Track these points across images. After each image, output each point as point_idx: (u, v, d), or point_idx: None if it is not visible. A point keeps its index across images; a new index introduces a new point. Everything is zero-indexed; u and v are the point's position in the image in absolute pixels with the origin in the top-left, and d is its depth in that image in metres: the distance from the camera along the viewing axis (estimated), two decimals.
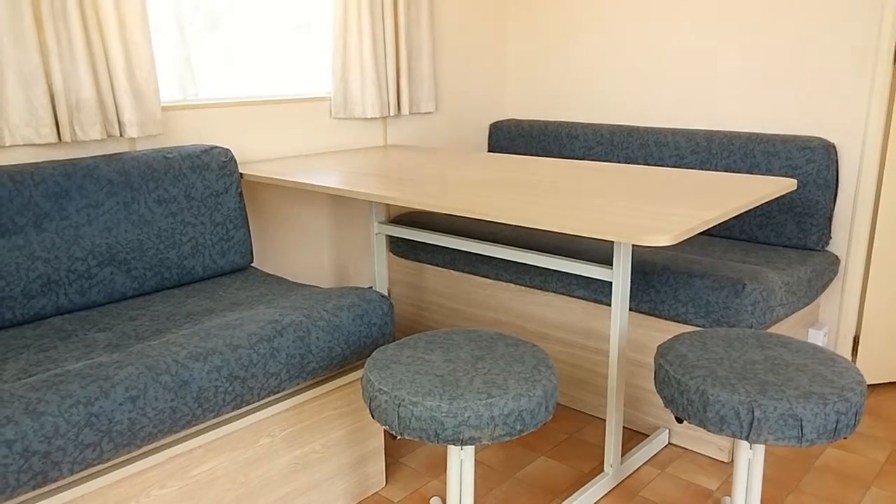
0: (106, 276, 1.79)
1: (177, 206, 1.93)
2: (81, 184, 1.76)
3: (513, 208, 1.57)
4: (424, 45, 2.68)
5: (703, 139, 2.48)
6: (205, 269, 2.00)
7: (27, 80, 1.75)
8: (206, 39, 2.20)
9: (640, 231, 1.38)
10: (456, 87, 2.98)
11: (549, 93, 3.05)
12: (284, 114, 2.40)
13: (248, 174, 2.11)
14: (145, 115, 1.96)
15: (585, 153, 2.78)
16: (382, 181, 1.95)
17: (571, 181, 1.89)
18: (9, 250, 1.63)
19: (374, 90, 2.50)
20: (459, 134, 3.04)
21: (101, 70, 1.86)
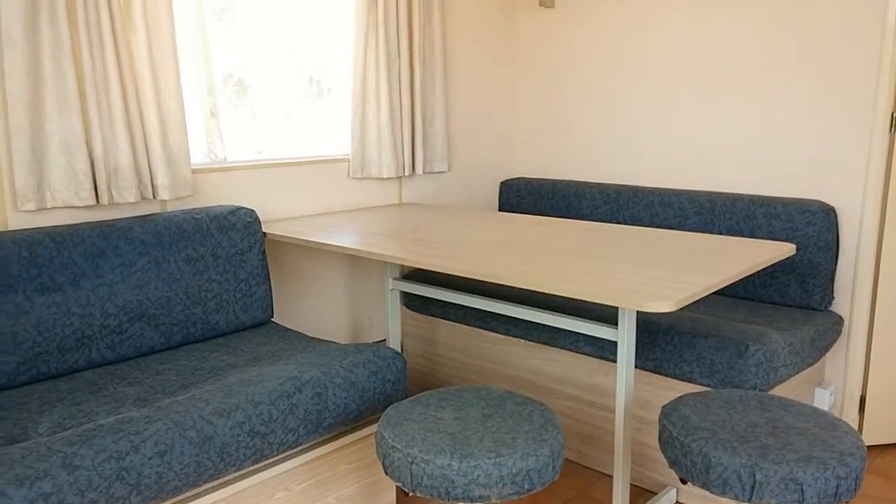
0: (136, 330, 1.88)
1: (204, 264, 2.04)
2: (117, 244, 1.87)
3: (521, 271, 1.66)
4: (438, 109, 2.81)
5: (706, 200, 2.57)
6: (228, 324, 2.09)
7: (70, 147, 1.88)
8: (233, 105, 2.33)
9: (643, 297, 1.45)
10: (468, 147, 3.10)
11: (557, 152, 3.17)
12: (305, 174, 2.52)
13: (271, 233, 2.22)
14: (177, 178, 2.08)
15: (592, 212, 2.88)
16: (397, 241, 2.05)
17: (578, 243, 1.98)
18: (47, 307, 1.74)
19: (390, 152, 2.63)
20: (471, 192, 3.16)
21: (138, 137, 1.99)
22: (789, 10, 2.44)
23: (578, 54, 3.03)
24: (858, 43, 2.30)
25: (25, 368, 1.70)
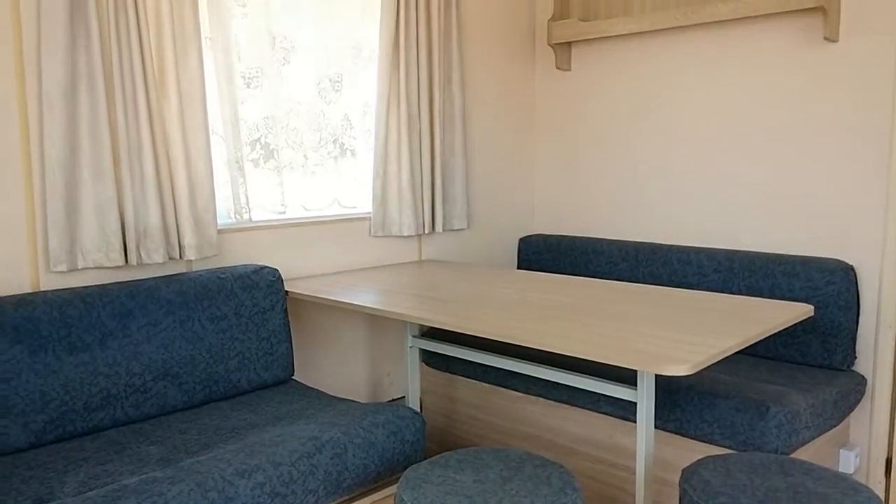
0: (160, 389, 1.92)
1: (227, 323, 2.08)
2: (144, 304, 1.92)
3: (540, 332, 1.67)
4: (458, 168, 2.88)
5: (725, 258, 2.58)
6: (249, 383, 2.12)
7: (102, 210, 1.95)
8: (259, 167, 2.41)
9: (661, 360, 1.46)
10: (487, 204, 3.16)
11: (575, 209, 3.21)
12: (327, 232, 2.58)
13: (293, 292, 2.26)
14: (203, 238, 2.15)
15: (611, 268, 2.89)
16: (417, 299, 2.08)
17: (597, 303, 2.00)
18: (75, 366, 1.78)
19: (410, 211, 2.68)
20: (490, 248, 3.20)
21: (168, 200, 2.06)
22: (806, 70, 2.49)
23: (595, 114, 3.10)
24: (873, 103, 2.34)
25: (52, 427, 1.74)
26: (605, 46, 3.02)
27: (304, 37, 2.49)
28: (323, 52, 2.55)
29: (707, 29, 2.71)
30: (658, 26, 2.68)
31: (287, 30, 2.44)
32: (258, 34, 2.35)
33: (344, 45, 2.60)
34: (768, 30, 2.56)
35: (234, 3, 2.29)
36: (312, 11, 2.50)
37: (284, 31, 2.43)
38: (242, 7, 2.32)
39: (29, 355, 1.72)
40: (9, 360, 1.69)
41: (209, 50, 2.22)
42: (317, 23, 2.52)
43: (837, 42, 2.40)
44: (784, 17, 2.51)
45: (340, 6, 2.57)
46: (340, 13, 2.57)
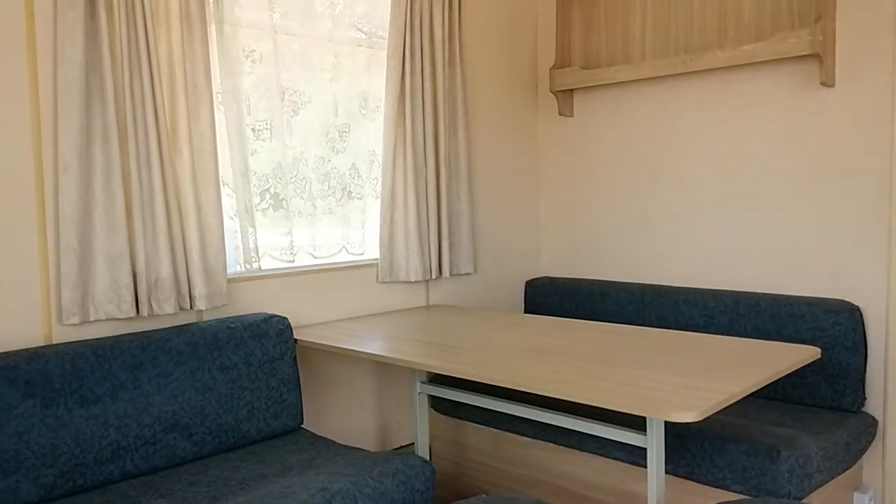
0: (169, 441, 1.92)
1: (237, 372, 2.09)
2: (154, 355, 1.94)
3: (547, 379, 1.68)
4: (464, 214, 2.92)
5: (731, 300, 2.59)
6: (259, 432, 2.12)
7: (114, 262, 1.99)
8: (269, 216, 2.45)
9: (668, 407, 1.47)
10: (493, 248, 3.19)
11: (581, 252, 3.23)
12: (336, 279, 2.61)
13: (302, 340, 2.28)
14: (213, 289, 2.17)
15: (617, 311, 2.90)
16: (424, 346, 2.09)
17: (604, 347, 2.01)
18: (86, 419, 1.79)
19: (417, 257, 2.71)
20: (497, 292, 3.21)
21: (179, 251, 2.10)
22: (804, 115, 2.54)
23: (598, 158, 3.14)
24: (871, 146, 2.38)
25: (62, 482, 1.74)
26: (607, 93, 3.08)
27: (312, 89, 2.55)
28: (331, 104, 2.61)
29: (706, 75, 2.77)
30: (658, 73, 2.74)
31: (295, 82, 2.51)
32: (267, 88, 2.41)
33: (351, 96, 2.67)
34: (766, 76, 2.61)
35: (244, 58, 2.36)
36: (320, 64, 2.58)
37: (293, 84, 2.50)
38: (252, 62, 2.38)
39: (41, 409, 1.74)
40: (21, 414, 1.71)
41: (220, 104, 2.28)
42: (324, 75, 2.59)
43: (834, 87, 2.45)
44: (781, 63, 2.57)
45: (347, 58, 2.64)
46: (347, 65, 2.65)
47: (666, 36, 2.83)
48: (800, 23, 2.48)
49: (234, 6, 2.29)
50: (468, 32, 3.01)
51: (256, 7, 2.36)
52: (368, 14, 2.69)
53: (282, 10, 2.43)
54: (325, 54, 2.58)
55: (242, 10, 2.33)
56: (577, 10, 3.11)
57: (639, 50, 2.91)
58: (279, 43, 2.43)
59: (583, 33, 3.09)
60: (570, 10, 3.11)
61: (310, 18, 2.50)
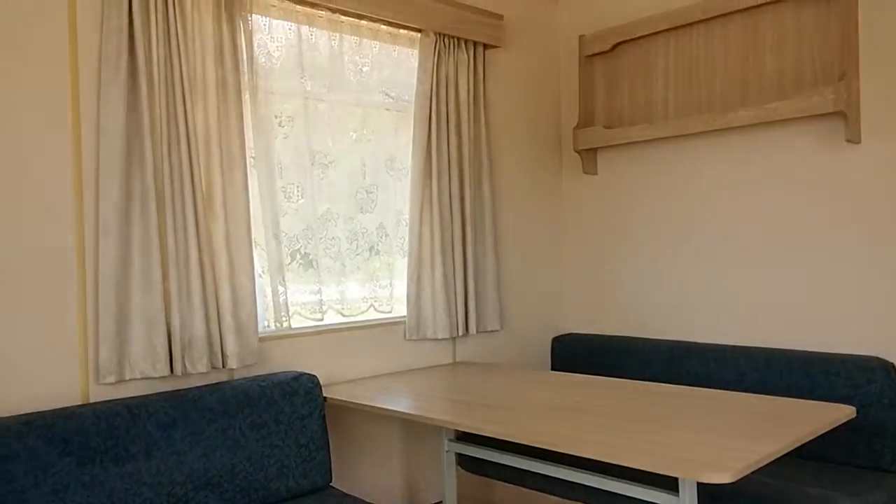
0: (201, 499, 1.94)
1: (267, 430, 2.11)
2: (187, 413, 1.97)
3: (577, 439, 1.68)
4: (490, 271, 2.95)
5: (762, 358, 2.56)
6: (288, 490, 2.12)
7: (150, 323, 2.04)
8: (299, 276, 2.50)
9: (702, 467, 1.45)
10: (519, 305, 3.20)
11: (607, 308, 3.23)
12: (364, 337, 2.63)
13: (331, 398, 2.30)
14: (244, 347, 2.21)
15: (646, 369, 2.88)
16: (452, 403, 2.09)
17: (633, 406, 1.99)
18: (121, 478, 1.82)
19: (444, 315, 2.74)
20: (524, 349, 3.21)
21: (212, 311, 2.15)
22: (830, 171, 2.55)
23: (623, 215, 3.17)
24: None
25: None
26: (630, 151, 3.13)
27: (340, 151, 2.63)
28: (359, 165, 2.69)
29: (729, 133, 2.81)
30: (681, 132, 2.78)
31: (325, 145, 2.59)
32: (298, 151, 2.50)
33: (378, 157, 2.74)
34: (791, 134, 2.64)
35: (276, 124, 2.45)
36: (349, 128, 2.66)
37: (322, 147, 2.58)
38: (283, 126, 2.48)
39: (77, 467, 1.77)
40: (58, 472, 1.74)
41: (253, 167, 2.36)
42: (352, 137, 2.67)
43: (860, 144, 2.47)
44: (805, 121, 2.60)
45: (374, 121, 2.73)
46: (375, 128, 2.73)
47: (688, 95, 2.88)
48: (823, 80, 2.51)
49: (267, 75, 2.40)
50: (492, 93, 3.10)
51: (288, 75, 2.46)
52: (395, 78, 2.79)
53: (312, 76, 2.53)
54: (353, 118, 2.67)
55: (275, 79, 2.43)
56: (599, 70, 3.19)
57: (661, 109, 2.97)
58: (309, 108, 2.52)
59: (605, 93, 3.16)
60: (592, 70, 3.19)
61: (338, 84, 2.60)
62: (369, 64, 2.70)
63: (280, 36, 2.45)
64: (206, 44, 2.20)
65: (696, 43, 2.86)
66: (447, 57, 2.81)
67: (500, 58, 3.13)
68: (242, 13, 2.28)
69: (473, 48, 2.91)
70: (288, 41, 2.47)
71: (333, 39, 2.58)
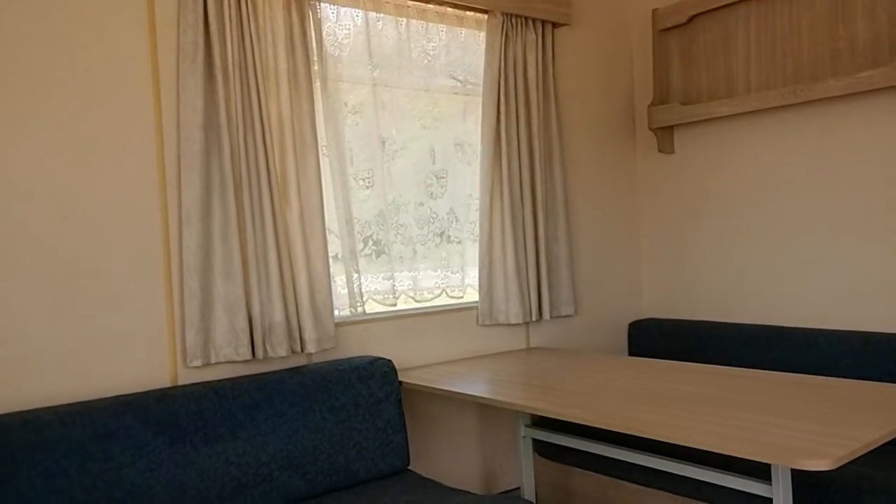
0: (285, 479, 1.98)
1: (346, 413, 2.14)
2: (270, 396, 2.02)
3: (662, 423, 1.62)
4: (562, 255, 2.90)
5: (859, 342, 2.42)
6: (367, 472, 2.15)
7: (232, 309, 2.09)
8: (372, 262, 2.52)
9: (797, 454, 1.38)
10: (594, 290, 3.14)
11: (687, 292, 3.13)
12: (436, 323, 2.64)
13: (406, 382, 2.31)
14: (322, 332, 2.25)
15: (731, 355, 2.77)
16: (527, 388, 2.07)
17: (720, 391, 1.92)
18: (210, 457, 1.88)
19: (517, 300, 2.71)
20: (599, 334, 3.15)
21: (290, 297, 2.19)
22: None
23: (703, 195, 3.06)
24: None
25: None
26: (709, 128, 3.01)
27: (410, 137, 2.63)
28: (428, 150, 2.68)
29: (817, 106, 2.66)
30: (765, 105, 2.65)
31: (394, 131, 2.59)
32: (368, 137, 2.51)
33: (448, 142, 2.73)
34: (883, 104, 2.48)
35: (346, 111, 2.47)
36: (418, 114, 2.66)
37: (392, 133, 2.59)
38: (355, 115, 2.49)
39: (169, 446, 1.83)
40: (152, 450, 1.81)
41: (325, 156, 2.38)
42: (421, 123, 2.67)
43: None
44: None
45: (443, 105, 2.72)
46: (443, 112, 2.72)
47: (771, 66, 2.74)
48: None
49: (336, 63, 2.41)
50: (562, 73, 3.04)
51: (357, 63, 2.47)
52: (462, 61, 2.76)
53: (380, 63, 2.53)
54: (421, 103, 2.67)
55: (344, 67, 2.44)
56: (674, 44, 3.07)
57: (742, 82, 2.84)
58: (378, 94, 2.53)
59: (682, 68, 3.05)
60: (667, 44, 3.08)
61: (406, 70, 2.60)
62: (436, 48, 2.69)
63: (347, 24, 2.46)
64: (278, 34, 2.23)
65: (779, 11, 2.71)
66: (515, 37, 2.76)
67: (570, 36, 3.06)
68: (311, 2, 2.30)
69: (542, 27, 2.85)
70: (355, 28, 2.48)
71: (400, 25, 2.58)
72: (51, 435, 1.71)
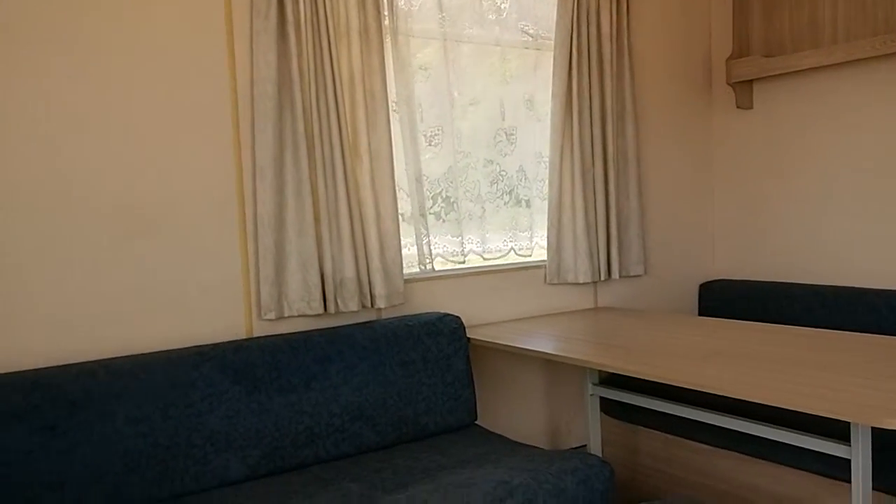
0: (356, 430, 2.04)
1: (415, 368, 2.18)
2: (341, 349, 2.07)
3: (737, 381, 1.59)
4: (633, 214, 2.84)
5: None
6: (436, 426, 2.19)
7: (305, 264, 2.14)
8: (440, 219, 2.53)
9: (880, 413, 1.34)
10: (664, 249, 3.07)
11: (761, 252, 3.03)
12: (504, 281, 2.64)
13: (474, 338, 2.33)
14: (391, 288, 2.28)
15: (806, 316, 2.68)
16: (596, 346, 2.06)
17: (797, 350, 1.87)
18: (284, 406, 1.95)
19: (585, 258, 2.68)
20: (668, 295, 3.09)
21: (360, 253, 2.22)
22: None
23: (782, 152, 2.93)
24: None
25: (265, 462, 1.90)
26: (791, 82, 2.87)
27: (480, 93, 2.61)
28: (498, 107, 2.65)
29: None
30: (853, 57, 2.51)
31: (464, 88, 2.57)
32: (438, 94, 2.50)
33: (518, 99, 2.69)
34: None
35: (416, 67, 2.46)
36: (488, 70, 2.63)
37: (462, 89, 2.57)
38: (424, 70, 2.48)
39: (246, 395, 1.91)
40: (230, 398, 1.89)
41: (395, 112, 2.39)
42: (492, 79, 2.63)
43: None
44: None
45: (514, 61, 2.68)
46: (514, 68, 2.68)
47: (862, 14, 2.58)
48: None
49: (406, 18, 2.40)
50: (636, 26, 2.94)
51: (427, 18, 2.45)
52: (534, 14, 2.70)
53: (451, 18, 2.50)
54: (492, 58, 2.63)
55: (414, 22, 2.43)
56: None
57: (829, 32, 2.68)
58: (448, 50, 2.50)
59: (763, 18, 2.90)
60: None
61: (477, 24, 2.56)
62: (507, 2, 2.63)
63: None
64: None
65: None
66: None
67: None
68: None
69: None
70: None
71: None
72: (135, 383, 1.80)
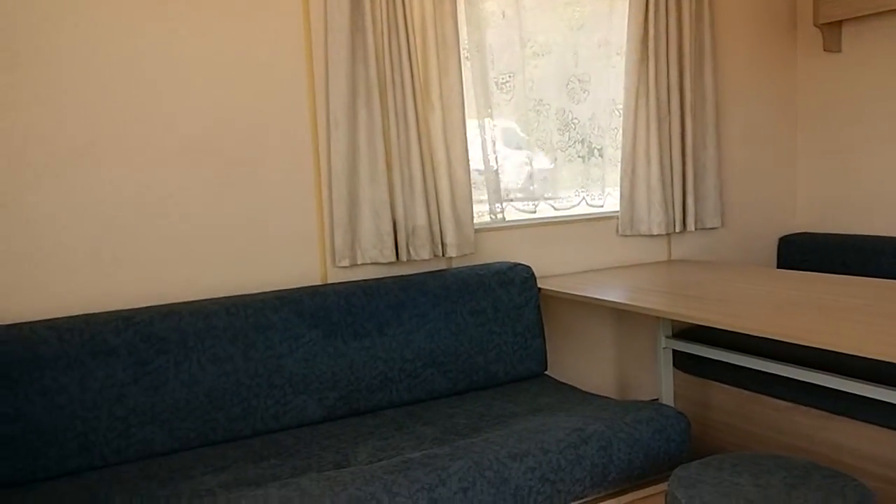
0: (428, 376, 2.07)
1: (485, 317, 2.18)
2: (414, 297, 2.09)
3: (822, 331, 1.53)
4: (710, 163, 2.74)
5: None
6: (506, 374, 2.20)
7: (377, 212, 2.16)
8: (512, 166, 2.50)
9: None
10: (742, 201, 2.96)
11: (847, 205, 2.89)
12: (575, 232, 2.60)
13: (545, 289, 2.31)
14: (462, 237, 2.28)
15: (893, 271, 2.56)
16: (670, 297, 2.01)
17: (883, 302, 1.78)
18: (359, 351, 1.99)
19: (660, 209, 2.61)
20: (746, 248, 2.99)
21: (432, 202, 2.22)
22: None
23: (872, 98, 2.77)
24: None
25: (341, 404, 1.95)
26: (885, 22, 2.68)
27: (552, 39, 2.54)
28: (571, 53, 2.58)
29: None
30: None
31: (536, 34, 2.51)
32: (510, 40, 2.44)
33: (591, 44, 2.61)
34: None
35: (489, 12, 2.40)
36: (561, 14, 2.55)
37: (534, 35, 2.50)
38: (495, 15, 2.42)
39: (322, 339, 1.95)
40: (307, 342, 1.94)
41: (466, 59, 2.35)
42: (565, 24, 2.56)
43: None
44: None
45: (588, 4, 2.59)
46: (588, 12, 2.59)
47: None
48: None
49: None
50: None
51: None
52: None
53: None
54: (565, 2, 2.55)
55: None
56: None
57: None
58: None
59: None
60: None
61: None
62: None
63: None
64: None
65: None
66: None
67: None
68: None
69: None
70: None
71: None
72: (218, 322, 1.86)
